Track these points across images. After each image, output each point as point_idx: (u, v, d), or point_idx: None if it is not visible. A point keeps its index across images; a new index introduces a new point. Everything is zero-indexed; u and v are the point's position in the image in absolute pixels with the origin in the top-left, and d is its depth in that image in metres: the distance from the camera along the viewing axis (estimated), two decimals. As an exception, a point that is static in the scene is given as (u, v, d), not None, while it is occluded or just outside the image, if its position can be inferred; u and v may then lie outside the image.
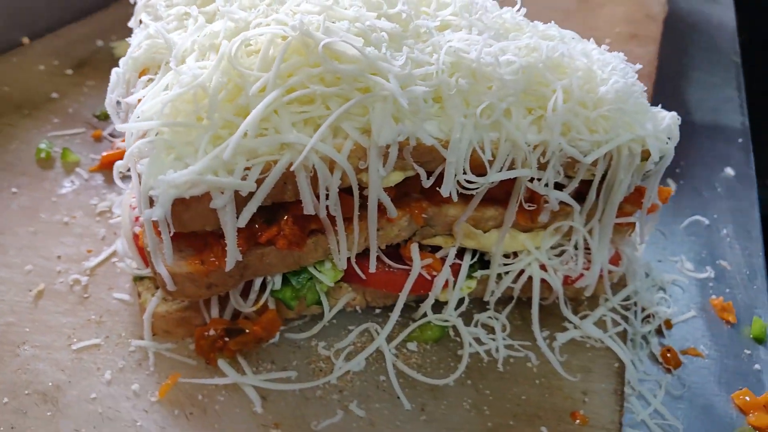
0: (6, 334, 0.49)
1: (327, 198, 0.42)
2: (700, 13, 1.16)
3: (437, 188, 0.45)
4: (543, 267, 0.53)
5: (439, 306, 0.53)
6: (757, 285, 0.68)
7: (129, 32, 0.88)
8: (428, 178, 0.45)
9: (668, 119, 0.49)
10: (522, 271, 0.53)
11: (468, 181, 0.45)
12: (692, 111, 0.92)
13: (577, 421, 0.48)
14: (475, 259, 0.53)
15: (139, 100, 0.44)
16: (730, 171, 0.82)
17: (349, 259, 0.48)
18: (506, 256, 0.53)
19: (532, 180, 0.47)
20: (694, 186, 0.79)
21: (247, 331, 0.48)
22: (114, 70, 0.48)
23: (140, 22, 0.55)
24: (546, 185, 0.47)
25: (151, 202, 0.39)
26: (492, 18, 0.49)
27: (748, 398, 0.56)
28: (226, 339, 0.47)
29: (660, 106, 0.53)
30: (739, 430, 0.54)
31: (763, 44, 1.39)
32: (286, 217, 0.44)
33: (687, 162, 0.83)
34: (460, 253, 0.52)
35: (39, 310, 0.51)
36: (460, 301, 0.53)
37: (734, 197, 0.79)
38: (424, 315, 0.52)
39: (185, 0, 0.51)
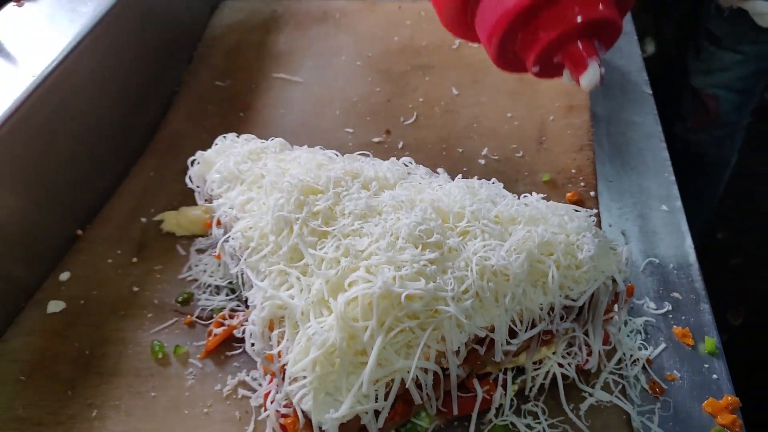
0: None
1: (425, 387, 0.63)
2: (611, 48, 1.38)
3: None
4: (560, 364, 0.76)
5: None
6: (702, 307, 0.92)
7: (162, 201, 1.05)
8: (482, 347, 0.67)
9: (624, 253, 0.72)
10: (547, 371, 0.75)
11: (508, 342, 0.67)
12: (627, 156, 1.14)
13: (608, 468, 0.72)
14: (514, 372, 0.75)
15: (279, 353, 0.63)
16: (664, 207, 1.06)
17: (435, 404, 0.69)
18: (534, 363, 0.75)
19: (545, 322, 0.69)
20: (642, 229, 1.02)
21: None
22: (248, 328, 0.67)
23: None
24: (552, 322, 0.70)
25: (321, 431, 0.60)
26: (492, 218, 0.70)
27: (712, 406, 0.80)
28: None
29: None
30: (713, 430, 0.78)
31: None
32: (396, 403, 0.64)
33: (634, 204, 1.06)
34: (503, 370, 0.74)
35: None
36: (511, 401, 0.76)
37: (671, 231, 1.02)
38: (490, 420, 0.75)
39: (273, 251, 0.69)
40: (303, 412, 0.61)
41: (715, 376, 0.83)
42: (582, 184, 1.02)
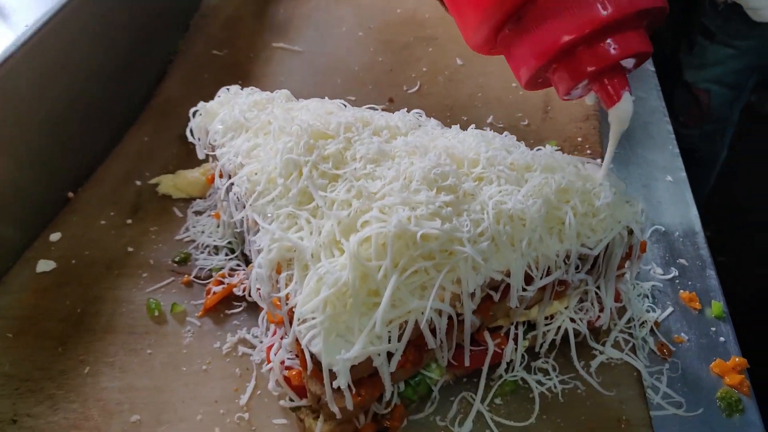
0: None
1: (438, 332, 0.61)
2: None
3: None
4: (571, 319, 0.74)
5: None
6: (708, 273, 0.91)
7: (157, 165, 1.02)
8: (496, 293, 0.65)
9: (639, 206, 0.70)
10: (558, 327, 0.73)
11: (524, 289, 0.65)
12: (631, 129, 1.13)
13: (623, 425, 0.70)
14: (525, 327, 0.73)
15: (287, 296, 0.61)
16: (669, 178, 1.05)
17: (446, 356, 0.67)
18: (545, 319, 0.73)
19: (560, 272, 0.67)
20: (647, 198, 1.02)
21: (387, 425, 0.66)
22: (254, 272, 0.64)
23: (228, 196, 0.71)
24: (568, 271, 0.68)
25: (332, 374, 0.57)
26: (508, 164, 0.68)
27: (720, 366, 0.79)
28: (376, 437, 0.66)
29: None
30: (720, 391, 0.77)
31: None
32: (407, 349, 0.62)
33: (639, 175, 1.05)
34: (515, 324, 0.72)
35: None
36: (521, 357, 0.74)
37: (677, 201, 1.01)
38: (500, 376, 0.72)
39: (281, 195, 0.67)
40: (312, 355, 0.58)
41: (722, 338, 0.82)
42: (588, 152, 1.01)
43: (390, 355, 0.59)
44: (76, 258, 0.90)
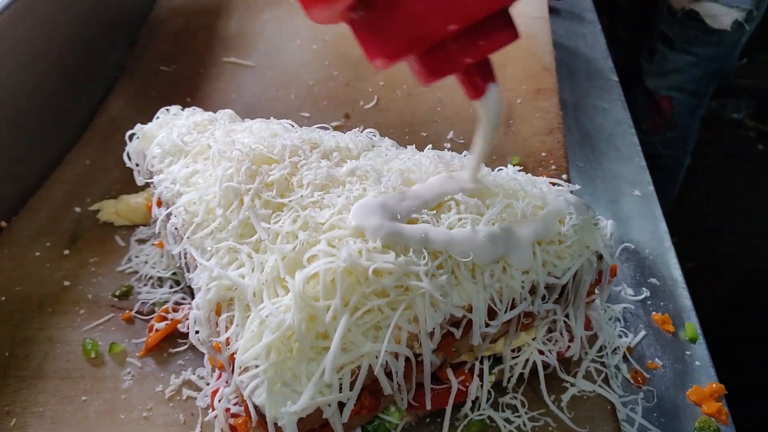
0: None
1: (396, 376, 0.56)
2: (575, 35, 1.35)
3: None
4: (540, 351, 0.69)
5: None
6: (680, 292, 0.88)
7: (99, 190, 0.96)
8: (458, 329, 0.60)
9: (609, 228, 0.66)
10: (526, 359, 0.69)
11: (487, 324, 0.60)
12: (596, 141, 1.11)
13: (596, 463, 0.66)
14: (491, 361, 0.68)
15: (228, 340, 0.55)
16: (637, 192, 1.02)
17: (406, 397, 0.62)
18: (512, 351, 0.68)
19: (526, 303, 0.63)
20: (615, 214, 0.98)
21: (344, 475, 0.61)
22: (192, 314, 0.58)
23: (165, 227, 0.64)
24: (533, 303, 0.63)
25: (277, 428, 0.51)
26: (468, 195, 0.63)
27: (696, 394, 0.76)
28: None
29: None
30: (699, 421, 0.73)
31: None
32: (362, 395, 0.57)
33: (606, 190, 1.01)
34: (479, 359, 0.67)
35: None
36: (488, 394, 0.69)
37: (645, 216, 0.98)
38: (465, 415, 0.67)
39: (222, 228, 0.61)
40: (256, 406, 0.52)
41: (697, 363, 0.79)
42: (553, 167, 0.97)
43: (342, 404, 0.54)
44: (6, 294, 0.83)
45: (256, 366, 0.52)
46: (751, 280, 1.74)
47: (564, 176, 0.96)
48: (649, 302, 0.86)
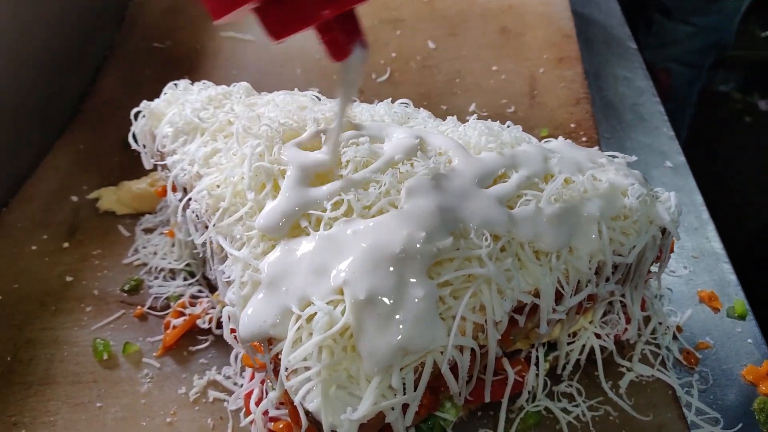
0: None
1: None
2: (588, 2, 1.29)
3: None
4: (597, 335, 0.64)
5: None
6: (723, 266, 0.83)
7: (96, 176, 0.89)
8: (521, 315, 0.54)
9: (672, 200, 0.61)
10: (583, 345, 0.64)
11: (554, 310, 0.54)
12: (621, 112, 1.05)
13: (663, 452, 0.61)
14: (545, 348, 0.63)
15: (270, 339, 0.49)
16: (668, 164, 0.97)
17: (461, 392, 0.56)
18: (568, 336, 0.63)
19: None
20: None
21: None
22: (226, 310, 0.52)
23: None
24: (597, 285, 0.58)
25: (336, 435, 0.45)
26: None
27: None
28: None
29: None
30: (757, 402, 0.69)
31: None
32: (423, 392, 0.51)
33: (637, 163, 0.96)
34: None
35: None
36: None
37: (679, 189, 0.93)
38: (520, 408, 0.62)
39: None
40: (307, 412, 0.46)
41: (749, 340, 0.74)
42: (584, 138, 0.91)
43: (404, 405, 0.48)
44: (2, 294, 0.76)
45: (307, 368, 0.46)
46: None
47: (596, 147, 0.90)
48: (691, 279, 0.81)
